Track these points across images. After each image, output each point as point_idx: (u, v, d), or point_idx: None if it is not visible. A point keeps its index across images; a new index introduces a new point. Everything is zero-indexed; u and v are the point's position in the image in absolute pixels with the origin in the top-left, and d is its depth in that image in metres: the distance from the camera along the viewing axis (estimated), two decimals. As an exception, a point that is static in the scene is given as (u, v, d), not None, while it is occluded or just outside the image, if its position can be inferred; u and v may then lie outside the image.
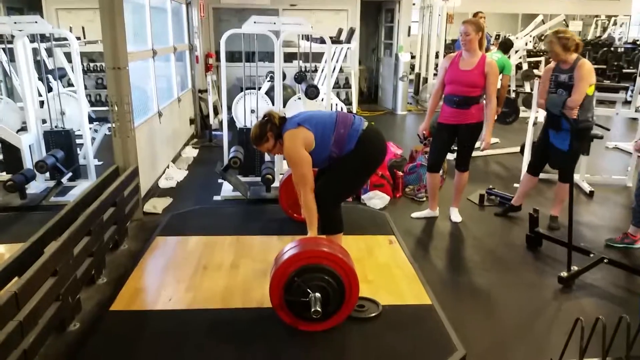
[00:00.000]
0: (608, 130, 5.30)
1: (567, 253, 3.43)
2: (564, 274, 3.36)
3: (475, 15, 7.06)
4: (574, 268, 3.40)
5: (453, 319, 2.84)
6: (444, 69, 4.16)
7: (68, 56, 5.59)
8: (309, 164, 2.99)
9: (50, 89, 5.04)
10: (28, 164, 4.66)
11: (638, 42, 14.48)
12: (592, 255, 3.53)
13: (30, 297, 2.24)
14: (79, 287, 2.86)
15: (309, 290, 2.55)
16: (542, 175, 5.49)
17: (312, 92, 4.97)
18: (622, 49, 13.80)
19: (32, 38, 4.91)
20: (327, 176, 3.12)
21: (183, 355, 2.47)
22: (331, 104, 6.05)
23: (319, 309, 2.51)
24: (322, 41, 5.95)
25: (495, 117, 6.86)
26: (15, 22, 4.46)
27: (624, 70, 12.51)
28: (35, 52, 5.06)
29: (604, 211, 4.84)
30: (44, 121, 4.90)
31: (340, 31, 8.23)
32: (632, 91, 6.57)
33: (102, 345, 2.54)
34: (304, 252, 2.63)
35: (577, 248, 3.58)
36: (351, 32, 7.87)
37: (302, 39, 6.65)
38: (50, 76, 5.38)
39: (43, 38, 5.27)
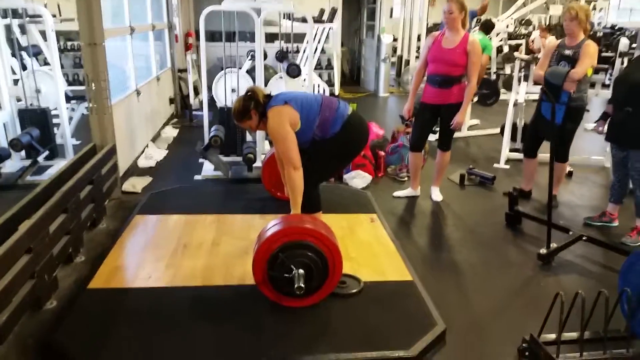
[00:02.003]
0: (587, 111, 5.34)
1: (546, 231, 3.46)
2: (543, 251, 3.40)
3: None
4: (553, 245, 3.43)
5: (433, 295, 2.86)
6: (427, 47, 4.14)
7: (44, 35, 5.43)
8: (294, 141, 2.95)
9: (24, 67, 4.90)
10: (2, 142, 4.54)
11: (617, 27, 14.59)
12: (571, 232, 3.57)
13: (3, 275, 2.18)
14: (56, 265, 2.81)
15: (292, 266, 2.53)
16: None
17: (293, 70, 4.91)
18: (602, 34, 13.90)
19: (4, 14, 4.75)
20: (309, 158, 3.09)
21: (163, 332, 2.44)
22: (313, 85, 5.99)
23: (302, 285, 2.49)
24: (304, 20, 5.88)
25: (476, 99, 6.91)
26: (-15, -4, 4.31)
27: (603, 54, 12.60)
28: (9, 30, 4.90)
29: (582, 191, 4.90)
30: (19, 99, 4.76)
31: (322, 11, 8.15)
32: (611, 74, 6.63)
33: (79, 323, 2.49)
34: (288, 228, 2.61)
35: (557, 226, 3.62)
36: (333, 11, 7.80)
37: (284, 18, 6.57)
38: (23, 53, 5.23)
39: (15, 14, 5.10)
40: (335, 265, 2.63)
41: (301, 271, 2.53)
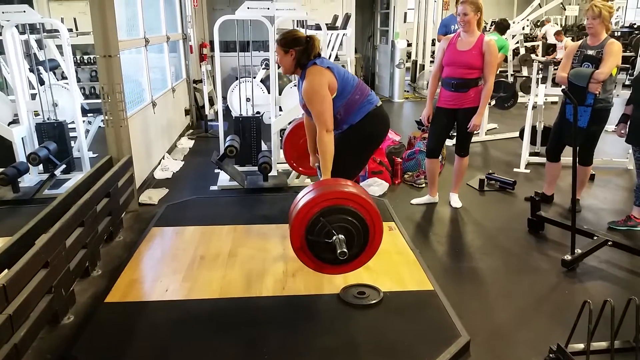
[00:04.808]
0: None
1: (570, 236, 3.36)
2: (568, 257, 3.30)
3: None
4: (578, 251, 3.33)
5: (456, 305, 2.79)
6: (442, 50, 4.07)
7: (61, 49, 5.50)
8: (330, 104, 2.91)
9: (42, 82, 4.95)
10: (21, 157, 4.57)
11: (635, 26, 14.39)
12: (595, 237, 3.47)
13: (21, 290, 2.17)
14: (73, 280, 2.79)
15: (333, 231, 2.47)
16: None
17: (308, 79, 4.88)
18: (619, 33, 13.71)
19: (23, 29, 4.80)
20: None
21: (181, 346, 2.41)
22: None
23: (345, 250, 2.44)
24: (318, 28, 5.86)
25: (493, 102, 6.82)
26: (2, 12, 4.36)
27: (623, 54, 12.41)
28: (28, 45, 4.96)
29: (605, 194, 4.78)
30: (36, 114, 4.80)
31: (335, 18, 8.13)
32: (631, 74, 6.49)
33: (97, 337, 2.48)
34: (330, 192, 2.55)
35: (581, 231, 3.52)
36: (347, 18, 7.77)
37: (297, 25, 6.56)
38: (41, 68, 5.29)
39: (33, 29, 5.16)
40: (375, 231, 2.56)
41: (342, 236, 2.47)
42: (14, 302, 2.09)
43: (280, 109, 5.03)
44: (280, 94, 5.09)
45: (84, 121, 5.00)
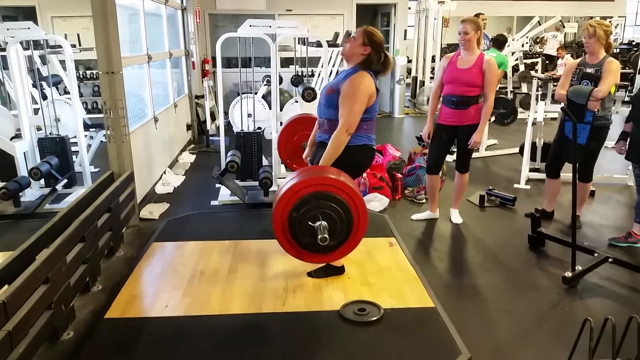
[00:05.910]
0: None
1: (570, 253, 3.36)
2: (568, 274, 3.29)
3: (476, 16, 7.00)
4: (578, 268, 3.33)
5: (456, 322, 2.78)
6: (442, 68, 4.11)
7: (64, 64, 5.55)
8: (363, 108, 2.94)
9: (45, 96, 4.99)
10: (22, 171, 4.59)
11: (634, 43, 14.49)
12: (596, 254, 3.46)
13: (20, 306, 2.17)
14: (73, 295, 2.79)
15: (320, 216, 2.49)
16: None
17: (309, 95, 4.92)
18: (618, 50, 13.81)
19: (27, 45, 4.86)
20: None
21: (180, 363, 2.40)
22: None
23: (327, 236, 2.45)
24: (319, 45, 5.92)
25: (493, 118, 6.85)
26: (7, 29, 4.41)
27: (621, 71, 12.48)
28: (31, 60, 5.00)
29: (606, 210, 4.78)
30: (39, 128, 4.84)
31: (336, 35, 8.21)
32: (631, 91, 6.54)
33: (97, 353, 2.47)
34: (325, 178, 2.62)
35: (581, 248, 3.51)
36: (347, 35, 7.83)
37: (299, 43, 6.62)
38: (44, 83, 5.33)
39: (37, 45, 5.22)
40: (359, 225, 2.61)
41: (325, 223, 2.49)
42: (14, 318, 2.09)
43: (281, 125, 5.06)
44: (281, 110, 5.13)
45: (85, 135, 5.03)
